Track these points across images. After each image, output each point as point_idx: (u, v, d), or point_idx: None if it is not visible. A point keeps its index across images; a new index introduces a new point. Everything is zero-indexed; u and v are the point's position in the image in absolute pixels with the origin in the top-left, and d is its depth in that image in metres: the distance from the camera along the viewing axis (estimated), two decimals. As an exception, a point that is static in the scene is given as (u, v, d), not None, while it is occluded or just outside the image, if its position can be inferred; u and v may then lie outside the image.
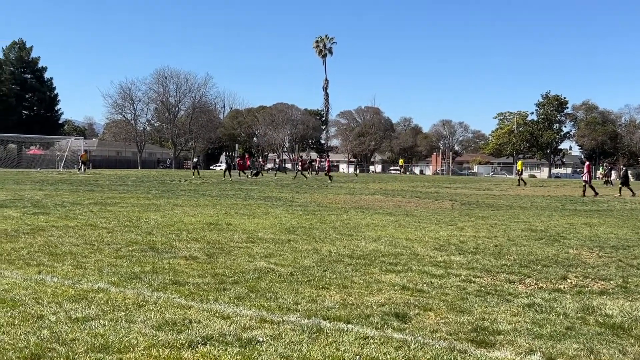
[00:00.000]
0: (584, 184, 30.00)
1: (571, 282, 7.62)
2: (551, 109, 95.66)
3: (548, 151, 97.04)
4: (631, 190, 30.01)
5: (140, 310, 5.69)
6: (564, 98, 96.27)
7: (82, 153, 53.19)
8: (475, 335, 5.22)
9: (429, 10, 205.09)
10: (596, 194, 29.01)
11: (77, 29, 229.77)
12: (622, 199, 27.43)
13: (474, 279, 7.61)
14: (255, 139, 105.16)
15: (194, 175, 47.19)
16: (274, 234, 11.42)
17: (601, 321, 5.78)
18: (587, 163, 31.66)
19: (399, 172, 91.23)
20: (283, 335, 5.07)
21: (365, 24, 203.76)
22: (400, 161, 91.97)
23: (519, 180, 44.42)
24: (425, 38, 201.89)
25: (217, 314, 5.63)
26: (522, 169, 47.39)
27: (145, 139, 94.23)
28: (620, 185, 31.37)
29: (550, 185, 46.74)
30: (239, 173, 46.66)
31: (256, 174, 47.43)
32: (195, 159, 49.91)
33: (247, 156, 54.30)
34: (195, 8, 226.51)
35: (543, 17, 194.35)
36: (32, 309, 5.63)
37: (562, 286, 7.37)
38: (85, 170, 50.33)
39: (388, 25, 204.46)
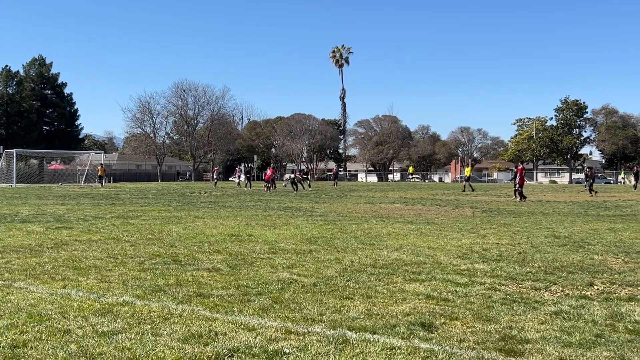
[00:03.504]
0: (518, 188, 29.15)
1: (598, 289, 7.52)
2: (570, 114, 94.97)
3: (568, 156, 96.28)
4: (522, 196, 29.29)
5: (165, 323, 5.70)
6: (584, 103, 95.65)
7: (99, 167, 53.49)
8: (503, 344, 5.17)
9: (445, 18, 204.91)
10: (521, 198, 28.40)
11: (95, 45, 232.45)
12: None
13: (499, 287, 7.54)
14: (273, 149, 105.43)
15: (246, 187, 46.36)
16: (295, 245, 11.42)
17: (631, 328, 5.69)
18: (521, 167, 30.65)
19: (418, 179, 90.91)
20: (309, 346, 5.05)
21: (382, 32, 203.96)
22: (410, 169, 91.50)
23: (467, 185, 42.47)
24: (441, 45, 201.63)
25: (242, 326, 5.62)
26: (469, 175, 45.40)
27: (165, 152, 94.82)
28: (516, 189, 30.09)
29: (571, 190, 46.29)
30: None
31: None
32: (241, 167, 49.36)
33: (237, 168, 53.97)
34: (212, 21, 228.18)
35: (561, 21, 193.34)
36: (59, 324, 5.66)
37: (589, 293, 7.28)
38: (102, 184, 50.67)
39: (404, 33, 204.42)
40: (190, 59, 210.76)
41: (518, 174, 29.55)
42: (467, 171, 45.28)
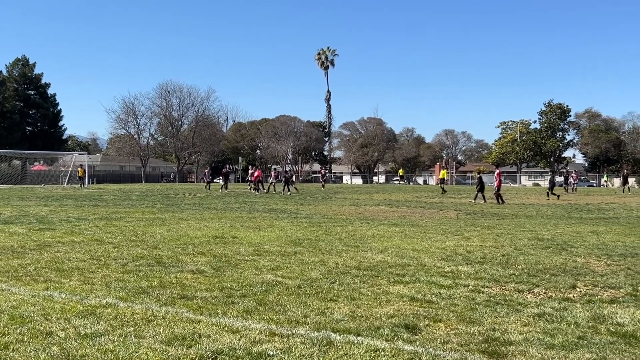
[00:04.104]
0: (496, 191, 29.22)
1: (580, 291, 7.58)
2: (554, 117, 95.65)
3: (552, 159, 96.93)
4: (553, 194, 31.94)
5: (149, 325, 5.67)
6: (567, 106, 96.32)
7: (79, 169, 52.86)
8: (486, 346, 5.19)
9: (429, 21, 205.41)
10: (499, 201, 28.45)
11: (79, 45, 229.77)
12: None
13: (482, 289, 7.58)
14: (258, 151, 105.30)
15: (221, 189, 44.24)
16: (280, 247, 11.41)
17: (613, 330, 5.74)
18: (498, 171, 30.97)
19: (402, 182, 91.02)
20: (293, 348, 5.05)
21: (367, 35, 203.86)
22: (400, 171, 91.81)
23: (442, 188, 42.90)
24: (426, 48, 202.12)
25: (226, 328, 5.61)
26: (445, 177, 46.03)
27: (149, 154, 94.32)
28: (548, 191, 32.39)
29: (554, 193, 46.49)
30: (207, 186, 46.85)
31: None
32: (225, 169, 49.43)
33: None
34: (198, 22, 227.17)
35: (545, 25, 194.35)
36: (41, 326, 5.62)
37: (571, 295, 7.33)
38: (82, 186, 50.14)
39: (389, 36, 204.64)
40: (174, 60, 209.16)
41: (496, 177, 29.83)
42: (443, 174, 45.63)
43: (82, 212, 20.22)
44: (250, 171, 46.29)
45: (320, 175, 64.65)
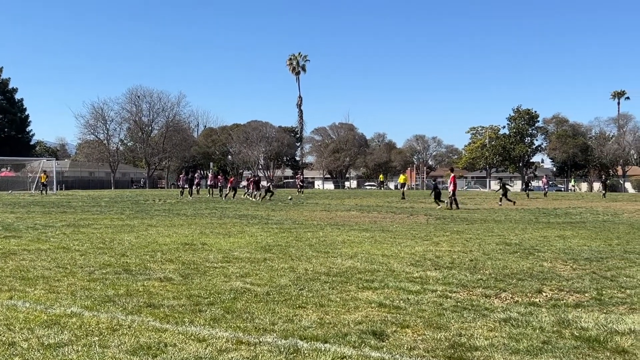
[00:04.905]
0: (452, 196, 29.33)
1: (546, 296, 7.67)
2: (522, 122, 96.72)
3: (520, 164, 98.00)
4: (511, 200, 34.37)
5: (114, 335, 5.60)
6: (535, 112, 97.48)
7: (42, 174, 51.67)
8: (452, 351, 5.22)
9: (400, 26, 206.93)
10: (454, 205, 28.64)
11: (47, 50, 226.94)
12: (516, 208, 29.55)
13: (450, 295, 7.62)
14: (229, 157, 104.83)
15: (191, 195, 43.24)
16: (249, 253, 11.36)
17: (577, 334, 5.81)
18: (452, 175, 31.14)
19: (379, 187, 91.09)
20: (260, 357, 5.02)
21: (338, 41, 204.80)
22: (381, 177, 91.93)
23: (403, 192, 42.98)
24: (397, 54, 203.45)
25: (192, 337, 5.56)
26: (406, 183, 46.21)
27: (119, 159, 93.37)
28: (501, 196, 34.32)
29: (523, 197, 47.07)
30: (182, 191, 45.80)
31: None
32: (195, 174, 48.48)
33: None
34: (168, 27, 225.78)
35: (514, 32, 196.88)
36: (3, 336, 5.52)
37: (537, 300, 7.41)
38: (45, 192, 49.14)
39: (360, 41, 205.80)
40: (144, 65, 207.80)
41: (451, 182, 29.98)
42: (401, 178, 45.56)
43: (49, 219, 19.94)
44: (210, 176, 46.85)
45: (297, 180, 62.77)
